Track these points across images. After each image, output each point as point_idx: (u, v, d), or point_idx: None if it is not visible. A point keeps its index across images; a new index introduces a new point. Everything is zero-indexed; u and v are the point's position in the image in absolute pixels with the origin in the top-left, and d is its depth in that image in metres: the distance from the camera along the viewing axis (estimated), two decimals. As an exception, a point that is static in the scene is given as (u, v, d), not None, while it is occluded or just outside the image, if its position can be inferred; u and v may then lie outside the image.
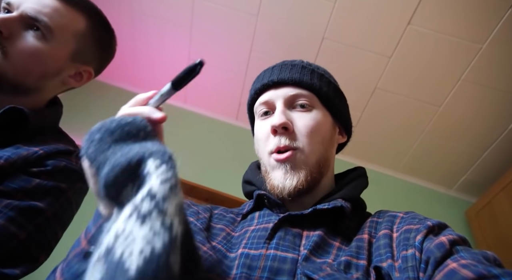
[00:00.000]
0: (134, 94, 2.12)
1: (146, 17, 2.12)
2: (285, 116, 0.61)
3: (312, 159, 0.60)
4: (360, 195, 0.64)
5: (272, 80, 0.65)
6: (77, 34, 0.73)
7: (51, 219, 0.62)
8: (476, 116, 1.96)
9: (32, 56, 0.67)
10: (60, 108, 0.82)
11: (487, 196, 1.97)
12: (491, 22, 1.65)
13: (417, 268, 0.45)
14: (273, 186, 0.60)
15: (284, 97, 0.63)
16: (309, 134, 0.61)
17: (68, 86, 0.79)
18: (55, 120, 0.80)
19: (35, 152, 0.64)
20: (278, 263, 0.49)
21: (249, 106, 0.72)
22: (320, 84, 0.65)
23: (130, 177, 0.35)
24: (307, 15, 1.87)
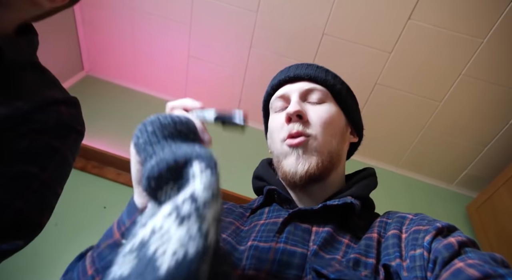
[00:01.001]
0: (136, 92, 2.11)
1: (145, 15, 2.11)
2: (300, 106, 0.63)
3: (324, 148, 0.61)
4: (369, 195, 0.65)
5: (289, 75, 0.68)
6: None
7: (49, 181, 0.58)
8: (476, 111, 1.96)
9: None
10: (35, 37, 0.68)
11: (488, 191, 1.97)
12: (491, 16, 1.65)
13: (425, 267, 0.45)
14: (284, 172, 0.61)
15: (300, 91, 0.66)
16: (323, 125, 0.62)
17: (40, 5, 0.61)
18: (33, 52, 0.68)
19: (18, 108, 0.56)
20: (287, 257, 0.50)
21: (265, 102, 0.75)
22: (334, 82, 0.67)
23: (173, 175, 0.35)
24: (307, 11, 1.86)
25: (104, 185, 1.84)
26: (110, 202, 1.76)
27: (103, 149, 1.92)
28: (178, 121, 0.41)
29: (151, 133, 0.39)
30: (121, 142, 2.02)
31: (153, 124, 0.40)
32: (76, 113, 0.67)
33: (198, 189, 0.33)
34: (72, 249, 1.50)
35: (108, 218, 1.68)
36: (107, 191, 1.81)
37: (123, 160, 1.88)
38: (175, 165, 0.35)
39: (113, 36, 2.26)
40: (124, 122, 2.18)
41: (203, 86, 2.33)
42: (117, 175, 1.89)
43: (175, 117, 0.41)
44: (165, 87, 2.41)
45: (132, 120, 2.21)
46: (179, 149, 0.37)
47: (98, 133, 2.02)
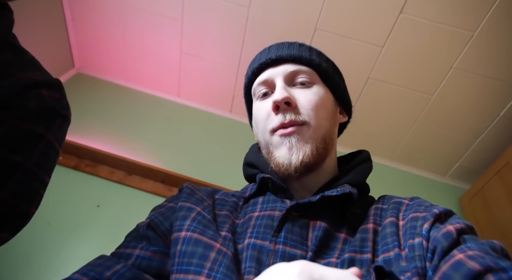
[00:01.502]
0: (129, 89, 2.10)
1: (136, 11, 2.09)
2: (287, 91, 0.58)
3: (318, 133, 0.58)
4: (366, 180, 0.63)
5: (270, 57, 0.63)
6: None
7: (34, 170, 0.55)
8: (468, 104, 1.97)
9: None
10: (9, 14, 0.65)
11: (480, 182, 2.00)
12: (482, 9, 1.66)
13: (424, 257, 0.45)
14: (278, 164, 0.57)
15: (284, 74, 0.61)
16: (315, 108, 0.58)
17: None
18: (7, 30, 0.64)
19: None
20: (287, 261, 0.48)
21: (246, 88, 0.69)
22: (319, 60, 0.63)
23: None
24: (299, 6, 1.85)
25: (98, 184, 1.83)
26: (103, 201, 1.74)
27: (96, 147, 1.90)
28: None
29: None
30: (114, 140, 2.01)
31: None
32: (60, 97, 0.62)
33: None
34: (66, 248, 1.50)
35: (101, 217, 1.67)
36: (101, 190, 1.80)
37: (116, 158, 1.87)
38: None
39: (104, 33, 2.23)
40: (116, 119, 2.17)
41: (196, 83, 2.32)
42: (110, 173, 1.88)
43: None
44: (158, 84, 2.39)
45: (124, 117, 2.20)
46: None
47: (91, 131, 2.00)
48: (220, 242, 0.51)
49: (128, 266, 0.48)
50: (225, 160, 2.06)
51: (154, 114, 2.28)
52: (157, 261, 0.51)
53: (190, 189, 0.62)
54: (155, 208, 0.61)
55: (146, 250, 0.52)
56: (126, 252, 0.52)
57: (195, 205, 0.57)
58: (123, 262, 0.49)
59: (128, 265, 0.49)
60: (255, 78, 0.66)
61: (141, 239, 0.54)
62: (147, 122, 2.21)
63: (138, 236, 0.55)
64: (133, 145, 2.01)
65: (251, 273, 0.47)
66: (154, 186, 1.87)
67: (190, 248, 0.49)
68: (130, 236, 0.56)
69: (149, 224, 0.56)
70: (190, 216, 0.54)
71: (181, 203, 0.58)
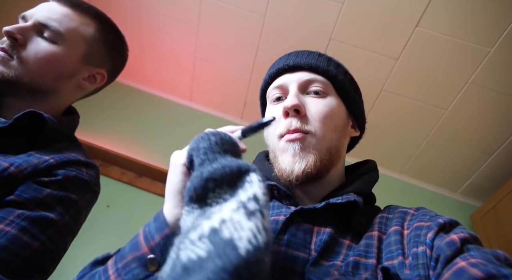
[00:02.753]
0: (141, 92, 2.12)
1: (153, 16, 2.12)
2: (298, 99, 0.59)
3: (323, 145, 0.58)
4: (371, 189, 0.63)
5: (288, 64, 0.64)
6: (86, 37, 0.77)
7: (62, 230, 0.63)
8: (482, 120, 1.94)
9: (45, 58, 0.70)
10: (77, 117, 0.85)
11: (492, 200, 1.96)
12: (500, 25, 1.64)
13: (427, 265, 0.44)
14: (280, 169, 0.59)
15: (299, 82, 0.62)
16: (322, 120, 0.59)
17: (84, 89, 0.82)
18: (71, 129, 0.82)
19: (45, 161, 0.65)
20: (289, 262, 0.49)
21: (262, 91, 0.71)
22: (336, 72, 0.64)
23: (232, 180, 0.39)
24: (315, 16, 1.86)
25: (108, 184, 1.85)
26: (113, 201, 1.76)
27: (108, 148, 1.93)
28: (233, 141, 0.46)
29: (214, 142, 0.43)
30: (125, 141, 2.03)
31: (216, 136, 0.44)
32: (95, 175, 0.76)
33: (258, 192, 0.37)
34: (76, 248, 1.51)
35: (111, 217, 1.69)
36: (111, 190, 1.82)
37: (127, 159, 1.89)
38: (238, 172, 0.39)
39: (121, 36, 2.27)
40: (129, 121, 2.19)
41: (208, 88, 2.34)
42: (121, 174, 1.90)
43: (231, 137, 0.47)
44: (171, 88, 2.42)
45: (137, 119, 2.23)
46: (238, 160, 0.42)
47: (103, 132, 2.03)
48: None
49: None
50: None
51: (166, 117, 2.30)
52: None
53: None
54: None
55: None
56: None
57: None
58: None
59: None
60: (271, 82, 0.67)
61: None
62: (159, 124, 2.23)
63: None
64: (144, 147, 2.03)
65: None
66: (163, 189, 1.87)
67: None
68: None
69: None
70: None
71: None
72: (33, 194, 0.60)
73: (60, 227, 0.62)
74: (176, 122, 2.28)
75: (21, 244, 0.55)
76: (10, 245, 0.53)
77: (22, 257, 0.55)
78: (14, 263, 0.53)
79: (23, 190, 0.60)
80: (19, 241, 0.55)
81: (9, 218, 0.56)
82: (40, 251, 0.58)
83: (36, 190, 0.61)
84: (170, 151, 1.97)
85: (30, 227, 0.57)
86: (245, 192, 0.37)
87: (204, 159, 0.41)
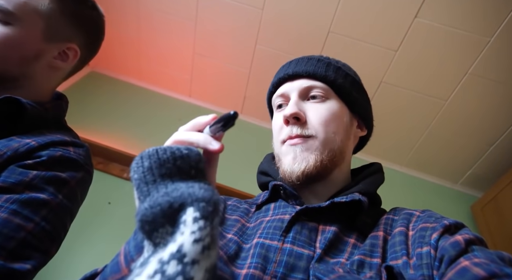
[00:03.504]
0: (140, 88, 2.12)
1: (151, 12, 2.11)
2: (298, 106, 0.62)
3: (325, 147, 0.60)
4: (376, 191, 0.64)
5: (288, 73, 0.67)
6: (41, 11, 0.69)
7: (57, 210, 0.61)
8: (482, 110, 1.94)
9: (1, 43, 0.65)
10: (64, 103, 0.80)
11: (493, 190, 1.96)
12: (499, 14, 1.63)
13: (431, 265, 0.45)
14: (282, 171, 0.61)
15: (299, 89, 0.65)
16: (323, 123, 0.61)
17: (58, 69, 0.76)
18: (59, 114, 0.78)
19: (26, 144, 0.62)
20: (294, 259, 0.49)
21: (268, 100, 0.74)
22: (335, 76, 0.65)
23: (168, 219, 0.34)
24: (313, 8, 1.85)
25: (109, 181, 1.85)
26: (114, 198, 1.77)
27: (108, 145, 1.93)
28: (178, 156, 0.38)
29: (147, 169, 0.37)
30: (125, 138, 2.03)
31: (151, 159, 0.38)
32: (85, 154, 0.71)
33: (186, 243, 0.30)
34: (78, 245, 1.52)
35: (112, 214, 1.69)
36: (112, 187, 1.82)
37: (128, 156, 1.89)
38: (169, 209, 0.33)
39: (119, 32, 2.26)
40: (129, 118, 2.19)
41: (208, 83, 2.33)
42: (122, 171, 1.90)
43: (175, 151, 0.39)
44: (170, 84, 2.41)
45: (136, 116, 2.23)
46: (176, 191, 0.35)
47: (103, 129, 2.03)
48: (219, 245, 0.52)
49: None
50: (234, 160, 2.06)
51: (165, 113, 2.30)
52: None
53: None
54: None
55: None
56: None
57: None
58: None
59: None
60: (275, 91, 0.70)
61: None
62: (158, 121, 2.23)
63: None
64: (144, 144, 2.03)
65: (257, 268, 0.48)
66: (164, 185, 1.89)
67: None
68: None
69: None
70: None
71: None
72: (19, 178, 0.58)
73: (54, 207, 0.60)
74: (176, 118, 2.27)
75: (13, 227, 0.54)
76: (2, 229, 0.52)
77: (17, 240, 0.53)
78: (9, 246, 0.52)
79: (7, 176, 0.57)
80: (11, 224, 0.53)
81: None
82: (36, 232, 0.56)
83: (22, 173, 0.58)
84: (170, 147, 1.91)
85: (21, 210, 0.55)
86: (172, 243, 0.31)
87: (138, 195, 0.36)
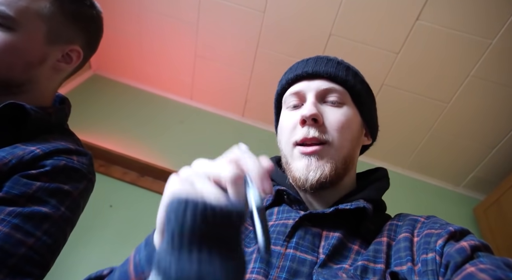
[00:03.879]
0: (142, 91, 2.11)
1: (152, 14, 2.12)
2: (316, 108, 0.59)
3: (340, 154, 0.58)
4: (381, 197, 0.63)
5: (307, 71, 0.63)
6: (43, 14, 0.67)
7: (59, 223, 0.60)
8: (485, 113, 1.93)
9: (5, 50, 0.64)
10: (67, 107, 0.80)
11: (495, 193, 1.95)
12: (501, 16, 1.63)
13: (437, 272, 0.44)
14: (294, 177, 0.58)
15: (317, 90, 0.61)
16: (340, 130, 0.59)
17: (62, 71, 0.75)
18: (61, 119, 0.77)
19: (31, 152, 0.61)
20: (297, 265, 0.49)
21: (278, 95, 0.70)
22: (354, 82, 0.63)
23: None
24: (314, 11, 1.85)
25: (111, 184, 1.85)
26: (116, 201, 1.77)
27: (110, 148, 1.93)
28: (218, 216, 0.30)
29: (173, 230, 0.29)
30: (127, 141, 2.03)
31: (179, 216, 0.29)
32: (88, 163, 0.71)
33: None
34: (79, 248, 1.52)
35: (114, 216, 1.69)
36: (114, 190, 1.82)
37: (130, 159, 1.89)
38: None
39: (121, 35, 2.27)
40: (130, 121, 2.19)
41: (209, 86, 2.34)
42: (124, 173, 1.90)
43: (216, 208, 0.30)
44: (172, 87, 2.42)
45: (138, 119, 2.23)
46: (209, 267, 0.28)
47: (105, 132, 2.03)
48: None
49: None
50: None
51: (167, 116, 2.30)
52: None
53: None
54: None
55: None
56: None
57: None
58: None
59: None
60: (288, 87, 0.66)
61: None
62: (160, 124, 2.23)
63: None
64: (145, 147, 2.03)
65: (259, 273, 0.48)
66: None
67: None
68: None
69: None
70: None
71: None
72: (23, 189, 0.57)
73: (56, 220, 0.59)
74: (177, 121, 2.28)
75: (14, 242, 0.53)
76: (3, 244, 0.51)
77: (17, 256, 0.53)
78: (9, 263, 0.52)
79: (11, 186, 0.57)
80: (12, 240, 0.53)
81: (0, 217, 0.53)
82: (37, 247, 0.55)
83: (25, 184, 0.58)
84: (171, 150, 1.97)
85: (23, 224, 0.54)
86: None
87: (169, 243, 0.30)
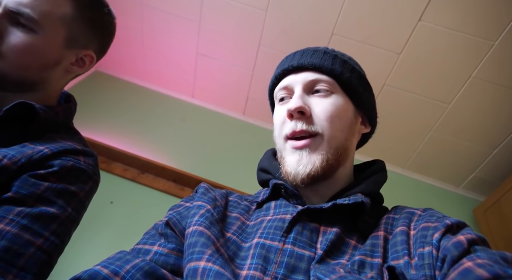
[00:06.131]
0: (144, 88, 2.13)
1: (155, 11, 2.12)
2: (302, 100, 0.59)
3: (331, 145, 0.58)
4: (379, 190, 0.63)
5: (292, 65, 0.63)
6: (64, 19, 0.69)
7: (66, 223, 0.61)
8: (486, 114, 1.93)
9: (25, 51, 0.66)
10: (73, 105, 0.80)
11: (495, 194, 1.95)
12: (503, 18, 1.63)
13: (433, 265, 0.44)
14: (286, 172, 0.59)
15: (303, 82, 0.62)
16: (329, 119, 0.58)
17: (73, 73, 0.78)
18: (68, 118, 0.78)
19: (40, 151, 0.62)
20: (294, 260, 0.49)
21: (270, 91, 0.71)
22: (341, 70, 0.63)
23: None
24: (317, 10, 1.85)
25: (111, 180, 1.86)
26: (117, 197, 1.77)
27: (111, 144, 1.94)
28: None
29: None
30: (128, 138, 2.04)
31: None
32: (94, 164, 0.72)
33: None
34: (80, 244, 1.52)
35: (115, 213, 1.70)
36: (114, 186, 1.83)
37: (130, 156, 1.90)
38: None
39: (123, 32, 2.27)
40: (132, 118, 2.20)
41: (211, 84, 2.34)
42: (124, 170, 1.91)
43: None
44: (173, 84, 2.42)
45: (139, 116, 2.24)
46: None
47: (106, 129, 2.04)
48: (220, 243, 0.52)
49: (147, 261, 0.50)
50: (236, 161, 2.07)
51: (168, 113, 2.31)
52: (173, 258, 0.53)
53: (204, 188, 0.64)
54: (172, 207, 0.63)
55: (164, 247, 0.54)
56: (144, 248, 0.54)
57: (206, 203, 0.59)
58: (141, 257, 0.51)
59: (147, 260, 0.50)
60: (278, 82, 0.67)
61: (159, 236, 0.56)
62: (161, 121, 2.23)
63: (156, 234, 0.57)
64: (146, 144, 2.04)
65: (257, 269, 0.48)
66: (166, 185, 1.89)
67: (194, 239, 0.51)
68: (148, 233, 0.58)
69: (167, 222, 0.58)
70: (199, 212, 0.56)
71: (194, 202, 0.60)
72: (31, 190, 0.58)
73: (63, 221, 0.60)
74: (178, 119, 2.28)
75: (23, 242, 0.53)
76: (12, 245, 0.52)
77: (26, 256, 0.53)
78: (18, 263, 0.52)
79: (20, 186, 0.58)
80: (21, 240, 0.53)
81: (9, 217, 0.54)
82: (45, 247, 0.56)
83: (34, 184, 0.59)
84: (172, 148, 1.98)
85: (31, 225, 0.55)
86: None
87: None
